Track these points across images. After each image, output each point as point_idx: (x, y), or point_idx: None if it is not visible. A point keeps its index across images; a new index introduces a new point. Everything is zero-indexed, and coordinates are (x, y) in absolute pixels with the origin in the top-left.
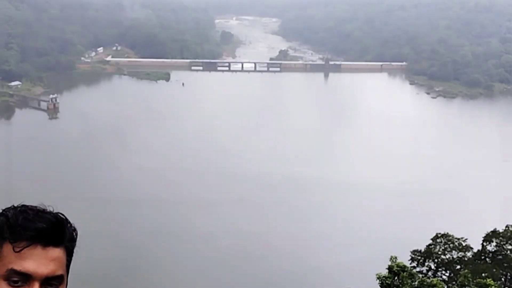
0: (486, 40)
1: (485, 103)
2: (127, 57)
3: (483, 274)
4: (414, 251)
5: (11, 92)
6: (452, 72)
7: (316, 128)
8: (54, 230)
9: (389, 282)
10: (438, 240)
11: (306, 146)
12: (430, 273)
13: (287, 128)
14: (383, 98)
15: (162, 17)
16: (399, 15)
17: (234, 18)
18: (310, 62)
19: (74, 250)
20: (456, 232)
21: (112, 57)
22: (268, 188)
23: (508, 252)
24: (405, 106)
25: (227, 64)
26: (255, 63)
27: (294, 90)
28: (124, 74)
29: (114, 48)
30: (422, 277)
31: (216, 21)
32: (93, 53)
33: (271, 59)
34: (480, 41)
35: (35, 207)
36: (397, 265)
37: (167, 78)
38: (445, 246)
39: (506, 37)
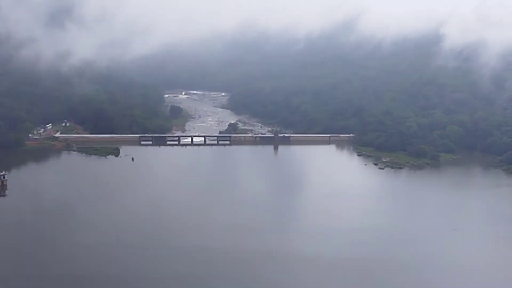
0: (431, 111)
1: (432, 173)
2: (76, 133)
3: None
4: None
5: None
6: (399, 143)
7: (266, 201)
8: None
9: None
10: None
11: (256, 218)
12: None
13: (237, 201)
14: (332, 170)
15: (111, 92)
16: (346, 89)
17: (183, 93)
18: (260, 135)
19: None
20: None
21: (61, 133)
22: (217, 263)
23: None
24: (354, 177)
25: (176, 138)
26: (204, 137)
27: (244, 162)
28: (73, 150)
29: (63, 124)
30: None
31: (165, 95)
32: (42, 130)
33: (220, 132)
34: (424, 113)
35: None
36: None
37: (116, 153)
38: None
39: (450, 108)
